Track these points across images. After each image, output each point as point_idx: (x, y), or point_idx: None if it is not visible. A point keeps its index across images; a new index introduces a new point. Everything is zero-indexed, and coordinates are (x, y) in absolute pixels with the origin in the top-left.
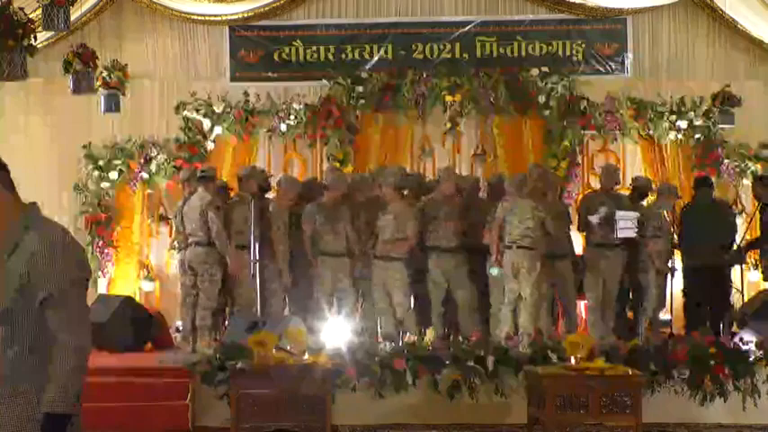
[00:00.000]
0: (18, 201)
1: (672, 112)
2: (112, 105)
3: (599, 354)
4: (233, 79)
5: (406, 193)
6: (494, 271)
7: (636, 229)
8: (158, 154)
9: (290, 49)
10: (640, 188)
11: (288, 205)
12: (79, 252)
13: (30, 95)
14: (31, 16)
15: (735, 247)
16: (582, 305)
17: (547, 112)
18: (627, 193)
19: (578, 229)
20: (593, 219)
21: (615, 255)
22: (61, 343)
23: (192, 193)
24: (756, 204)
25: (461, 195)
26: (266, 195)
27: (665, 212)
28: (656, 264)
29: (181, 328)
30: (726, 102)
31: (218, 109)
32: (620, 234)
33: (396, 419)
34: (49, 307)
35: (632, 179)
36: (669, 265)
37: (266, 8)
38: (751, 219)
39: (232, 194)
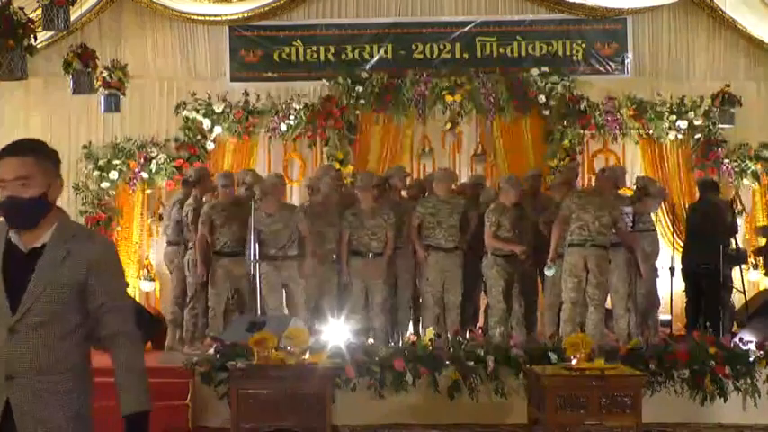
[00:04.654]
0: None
1: (672, 112)
2: (112, 105)
3: (599, 354)
4: (233, 79)
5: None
6: (548, 272)
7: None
8: (158, 154)
9: (290, 49)
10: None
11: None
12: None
13: (30, 95)
14: (31, 16)
15: (735, 247)
16: None
17: (547, 112)
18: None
19: None
20: None
21: (617, 255)
22: (126, 343)
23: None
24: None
25: (465, 195)
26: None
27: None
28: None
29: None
30: (726, 102)
31: (218, 109)
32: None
33: (396, 419)
34: (109, 311)
35: (636, 179)
36: (659, 265)
37: (266, 8)
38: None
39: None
